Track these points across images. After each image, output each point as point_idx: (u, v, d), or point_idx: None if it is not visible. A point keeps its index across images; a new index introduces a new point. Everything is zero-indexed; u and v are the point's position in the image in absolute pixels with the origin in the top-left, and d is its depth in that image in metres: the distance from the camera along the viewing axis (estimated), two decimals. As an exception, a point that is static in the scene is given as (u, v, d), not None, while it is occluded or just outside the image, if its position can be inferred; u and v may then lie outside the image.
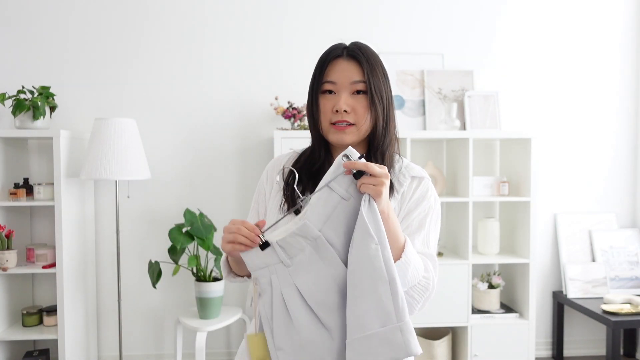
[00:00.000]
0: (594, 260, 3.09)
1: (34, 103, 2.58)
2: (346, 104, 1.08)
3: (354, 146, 1.11)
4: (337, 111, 1.08)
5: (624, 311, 2.69)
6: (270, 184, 1.21)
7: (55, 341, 2.60)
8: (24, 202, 2.57)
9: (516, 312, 2.85)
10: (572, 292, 2.99)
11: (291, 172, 1.14)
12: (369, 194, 0.94)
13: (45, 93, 2.65)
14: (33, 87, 2.70)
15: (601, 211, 3.20)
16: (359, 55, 1.10)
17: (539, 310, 3.15)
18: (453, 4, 3.09)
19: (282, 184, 1.16)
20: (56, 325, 2.62)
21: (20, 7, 2.88)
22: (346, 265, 0.96)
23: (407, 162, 1.16)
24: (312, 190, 1.10)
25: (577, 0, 3.16)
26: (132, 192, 2.91)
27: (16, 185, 2.66)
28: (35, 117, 2.58)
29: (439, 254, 2.83)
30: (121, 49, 2.94)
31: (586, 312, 2.82)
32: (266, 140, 2.98)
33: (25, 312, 2.68)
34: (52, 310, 2.66)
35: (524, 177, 2.81)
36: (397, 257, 0.97)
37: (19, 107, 2.55)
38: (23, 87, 2.65)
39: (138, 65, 2.95)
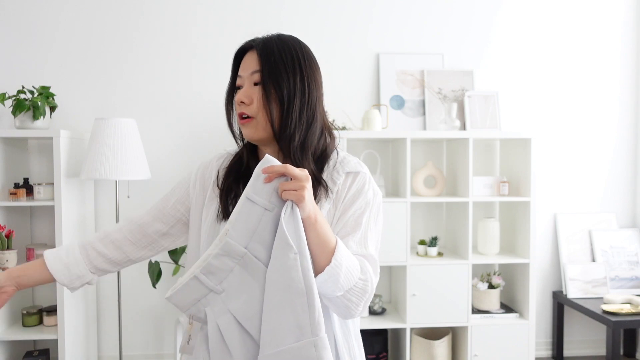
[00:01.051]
0: (594, 260, 3.09)
1: (34, 103, 2.58)
2: (244, 94, 1.02)
3: (270, 143, 1.04)
4: (241, 103, 1.02)
5: (624, 311, 2.69)
6: (203, 190, 1.12)
7: (55, 341, 2.60)
8: (24, 202, 2.57)
9: (516, 312, 2.85)
10: (572, 292, 2.99)
11: (226, 177, 1.07)
12: (292, 200, 0.88)
13: (45, 93, 2.65)
14: (33, 87, 2.70)
15: (601, 211, 3.20)
16: (257, 45, 1.03)
17: (539, 310, 3.15)
18: (453, 4, 3.09)
19: (216, 190, 1.08)
20: (56, 325, 2.62)
21: (20, 7, 2.88)
22: None
23: (342, 156, 1.07)
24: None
25: (577, 0, 3.16)
26: (132, 192, 2.91)
27: (16, 185, 2.66)
28: (35, 117, 2.58)
29: (439, 254, 2.83)
30: (121, 49, 2.94)
31: (586, 312, 2.82)
32: (266, 140, 2.98)
33: (25, 312, 2.68)
34: (52, 310, 2.66)
35: (524, 177, 2.81)
36: (327, 262, 0.90)
37: (19, 107, 2.54)
38: (23, 87, 2.65)
39: (138, 65, 2.95)
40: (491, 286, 2.85)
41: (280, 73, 1.00)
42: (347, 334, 1.06)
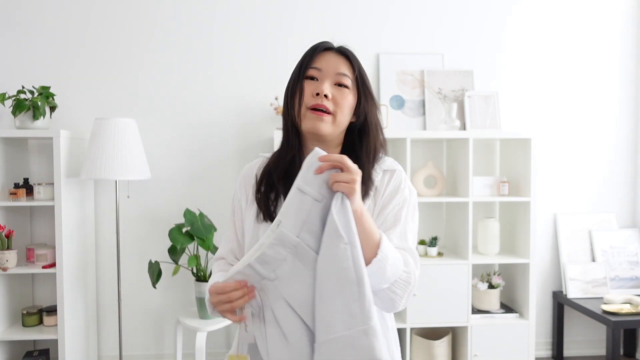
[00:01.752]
0: (594, 260, 3.09)
1: (34, 103, 2.58)
2: (328, 89, 1.07)
3: (328, 140, 1.10)
4: (317, 95, 1.06)
5: (624, 311, 2.69)
6: (245, 195, 1.17)
7: (55, 341, 2.60)
8: (24, 202, 2.57)
9: (516, 312, 2.85)
10: (572, 292, 2.99)
11: (262, 179, 1.11)
12: (342, 192, 0.91)
13: (45, 93, 2.65)
14: (33, 87, 2.70)
15: (601, 211, 3.20)
16: (349, 53, 1.12)
17: (539, 310, 3.15)
18: (453, 4, 3.09)
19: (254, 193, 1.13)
20: (56, 325, 2.62)
21: (20, 7, 2.88)
22: None
23: (378, 156, 1.14)
24: (285, 193, 1.05)
25: (577, 1, 3.16)
26: (132, 192, 2.91)
27: (16, 185, 2.66)
28: (35, 117, 2.58)
29: (439, 254, 2.83)
30: (121, 49, 2.94)
31: (586, 312, 2.82)
32: (266, 140, 2.98)
33: (25, 312, 2.68)
34: (52, 310, 2.66)
35: (524, 177, 2.81)
36: (373, 255, 0.94)
37: (19, 107, 2.54)
38: (23, 87, 2.65)
39: (138, 65, 2.95)
40: (491, 286, 2.85)
41: (367, 85, 1.11)
42: (385, 331, 1.09)
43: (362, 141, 1.10)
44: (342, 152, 1.12)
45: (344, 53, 1.12)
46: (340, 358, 0.88)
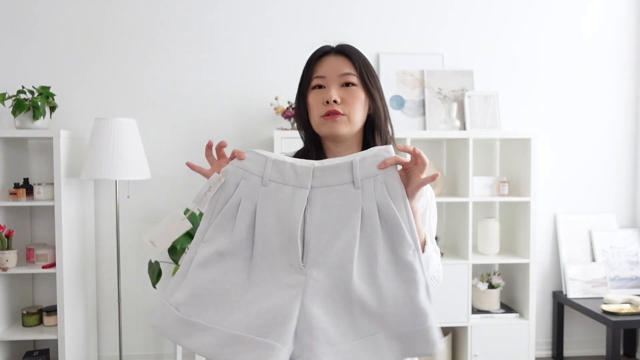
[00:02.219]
0: (594, 260, 3.09)
1: (34, 103, 2.58)
2: (337, 94, 1.08)
3: (347, 139, 1.11)
4: (327, 102, 1.07)
5: (624, 311, 2.69)
6: None
7: (55, 341, 2.60)
8: (24, 202, 2.57)
9: (516, 312, 2.85)
10: (572, 292, 2.99)
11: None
12: (404, 192, 0.91)
13: (45, 93, 2.65)
14: (33, 87, 2.69)
15: (601, 211, 3.20)
16: (347, 50, 1.13)
17: (539, 310, 3.14)
18: (453, 3, 3.09)
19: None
20: (56, 325, 2.62)
21: (20, 7, 2.88)
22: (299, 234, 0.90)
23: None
24: None
25: (577, 1, 3.16)
26: (132, 192, 2.91)
27: (16, 185, 2.66)
28: (35, 117, 2.58)
29: (439, 254, 2.83)
30: (121, 49, 2.94)
31: (586, 312, 2.82)
32: (266, 140, 2.98)
33: (25, 312, 2.68)
34: (52, 310, 2.66)
35: (524, 177, 2.81)
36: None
37: (19, 107, 2.54)
38: (23, 87, 2.65)
39: (138, 65, 2.95)
40: (491, 286, 2.85)
41: (373, 75, 1.12)
42: None
43: (374, 139, 1.13)
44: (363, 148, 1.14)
45: (343, 52, 1.13)
46: (414, 348, 0.92)
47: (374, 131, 1.13)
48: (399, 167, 0.94)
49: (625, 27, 3.19)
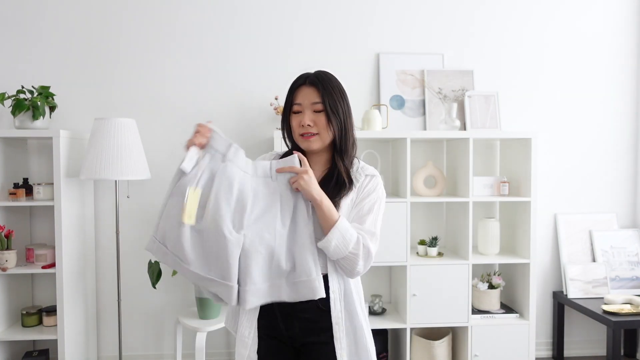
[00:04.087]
0: (594, 260, 3.09)
1: (34, 103, 2.57)
2: (309, 119, 1.40)
3: (318, 151, 1.45)
4: (302, 125, 1.39)
5: (624, 311, 2.68)
6: None
7: (55, 341, 2.60)
8: (23, 202, 2.57)
9: (516, 312, 2.84)
10: (573, 292, 2.99)
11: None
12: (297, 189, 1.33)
13: (45, 93, 2.65)
14: (33, 87, 2.69)
15: (601, 211, 3.20)
16: (316, 82, 1.41)
17: (539, 310, 3.14)
18: (453, 4, 3.09)
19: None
20: (56, 325, 2.62)
21: (20, 7, 2.88)
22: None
23: (362, 164, 1.49)
24: None
25: (577, 1, 3.16)
26: (132, 192, 2.91)
27: (16, 185, 2.66)
28: (34, 117, 2.58)
29: (439, 254, 2.83)
30: (121, 50, 2.93)
31: (586, 312, 2.82)
32: (266, 140, 2.98)
33: (24, 312, 2.68)
34: (51, 311, 2.66)
35: (524, 177, 2.80)
36: (328, 230, 1.31)
37: (18, 107, 2.54)
38: (23, 87, 2.65)
39: (138, 65, 2.94)
40: (491, 286, 2.85)
41: (336, 103, 1.41)
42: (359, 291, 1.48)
43: (339, 153, 1.45)
44: (331, 165, 1.46)
45: (313, 83, 1.41)
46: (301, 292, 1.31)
47: (335, 145, 1.45)
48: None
49: (625, 27, 3.19)
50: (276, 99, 2.81)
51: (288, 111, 1.44)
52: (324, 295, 1.31)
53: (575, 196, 3.19)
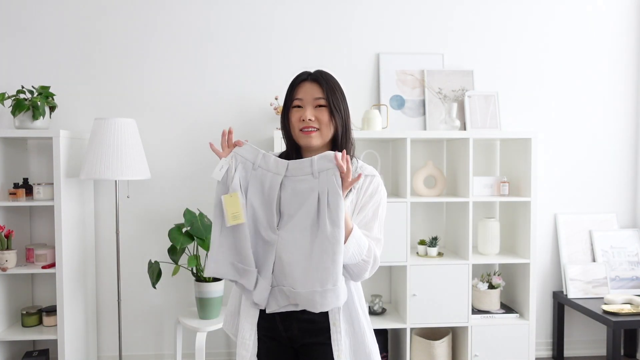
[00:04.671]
0: (594, 260, 3.09)
1: (34, 103, 2.57)
2: (311, 114, 1.39)
3: (317, 149, 1.42)
4: (303, 120, 1.39)
5: (624, 311, 2.68)
6: None
7: (55, 341, 2.60)
8: (23, 202, 2.57)
9: (516, 312, 2.84)
10: (573, 292, 2.99)
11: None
12: (342, 189, 1.28)
13: (45, 93, 2.65)
14: (33, 87, 2.69)
15: (601, 211, 3.20)
16: (319, 78, 1.42)
17: (539, 310, 3.14)
18: (453, 4, 3.09)
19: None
20: (56, 325, 2.62)
21: (20, 8, 2.88)
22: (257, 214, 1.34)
23: (361, 163, 1.46)
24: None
25: (577, 1, 3.16)
26: (132, 192, 2.91)
27: (16, 185, 2.66)
28: (34, 117, 2.58)
29: (439, 254, 2.83)
30: (121, 49, 2.93)
31: (587, 312, 2.82)
32: (266, 140, 2.98)
33: (24, 312, 2.68)
34: (51, 311, 2.66)
35: (524, 177, 2.80)
36: (345, 238, 1.28)
37: (18, 107, 2.54)
38: (23, 87, 2.65)
39: (138, 65, 2.94)
40: (491, 286, 2.85)
41: (338, 100, 1.42)
42: (360, 297, 1.47)
43: (337, 148, 1.44)
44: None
45: (316, 79, 1.42)
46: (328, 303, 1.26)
47: (336, 143, 1.45)
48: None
49: (625, 27, 3.18)
50: (276, 99, 2.81)
51: (287, 108, 1.44)
52: (342, 304, 1.30)
53: (575, 196, 3.19)
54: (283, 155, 1.47)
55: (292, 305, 1.32)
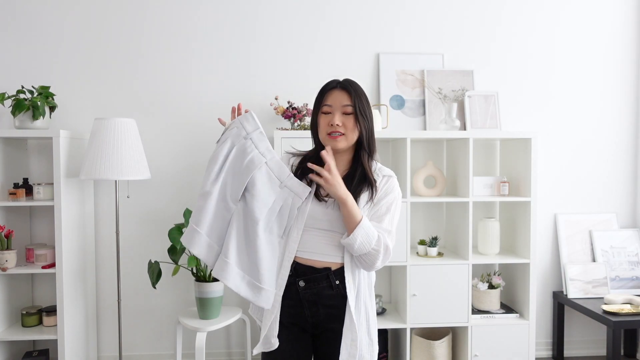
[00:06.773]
0: (594, 260, 3.09)
1: (34, 103, 2.57)
2: (339, 119, 1.52)
3: (342, 151, 1.56)
4: (331, 125, 1.52)
5: (624, 311, 2.68)
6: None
7: (55, 341, 2.60)
8: (23, 202, 2.57)
9: (516, 312, 2.84)
10: (573, 292, 2.99)
11: (299, 167, 1.63)
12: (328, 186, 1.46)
13: (45, 93, 2.65)
14: (33, 87, 2.69)
15: (601, 211, 3.20)
16: (347, 87, 1.54)
17: (539, 310, 3.14)
18: (453, 4, 3.09)
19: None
20: (56, 325, 2.62)
21: (19, 8, 2.88)
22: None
23: (380, 165, 1.62)
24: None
25: (577, 1, 3.16)
26: (132, 192, 2.91)
27: (16, 185, 2.66)
28: (34, 117, 2.58)
29: (439, 254, 2.83)
30: (121, 49, 2.94)
31: (586, 312, 2.82)
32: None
33: (24, 312, 2.68)
34: (51, 311, 2.66)
35: (524, 177, 2.80)
36: (353, 228, 1.43)
37: (18, 107, 2.54)
38: (23, 87, 2.65)
39: (138, 66, 2.94)
40: (491, 286, 2.85)
41: (364, 107, 1.54)
42: (370, 287, 1.60)
43: (361, 151, 1.57)
44: (352, 164, 1.59)
45: (345, 88, 1.54)
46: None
47: (361, 146, 1.57)
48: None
49: (625, 27, 3.19)
50: (276, 99, 2.81)
51: (317, 113, 1.57)
52: (266, 307, 1.48)
53: (575, 196, 3.19)
54: (309, 155, 1.62)
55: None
